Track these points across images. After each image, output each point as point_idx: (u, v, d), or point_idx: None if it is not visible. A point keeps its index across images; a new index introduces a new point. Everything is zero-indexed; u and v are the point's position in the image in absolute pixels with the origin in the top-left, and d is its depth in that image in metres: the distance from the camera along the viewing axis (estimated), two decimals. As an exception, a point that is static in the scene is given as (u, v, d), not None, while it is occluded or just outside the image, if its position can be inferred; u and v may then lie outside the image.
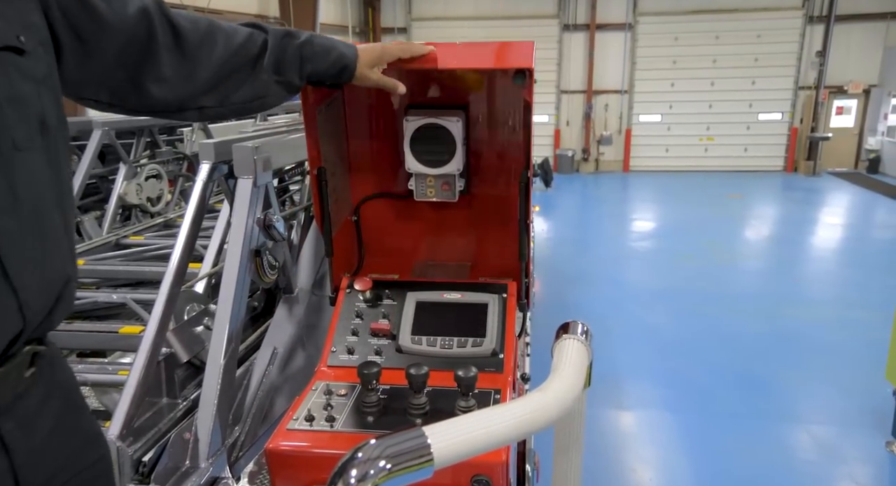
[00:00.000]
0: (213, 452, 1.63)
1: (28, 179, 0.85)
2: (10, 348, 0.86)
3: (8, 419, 0.87)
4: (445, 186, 1.85)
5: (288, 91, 1.34)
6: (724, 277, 6.83)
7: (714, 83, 13.88)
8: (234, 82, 1.23)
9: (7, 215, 0.81)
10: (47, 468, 0.94)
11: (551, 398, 0.88)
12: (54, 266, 0.91)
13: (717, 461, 3.45)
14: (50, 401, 0.95)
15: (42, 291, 0.88)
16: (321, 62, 1.32)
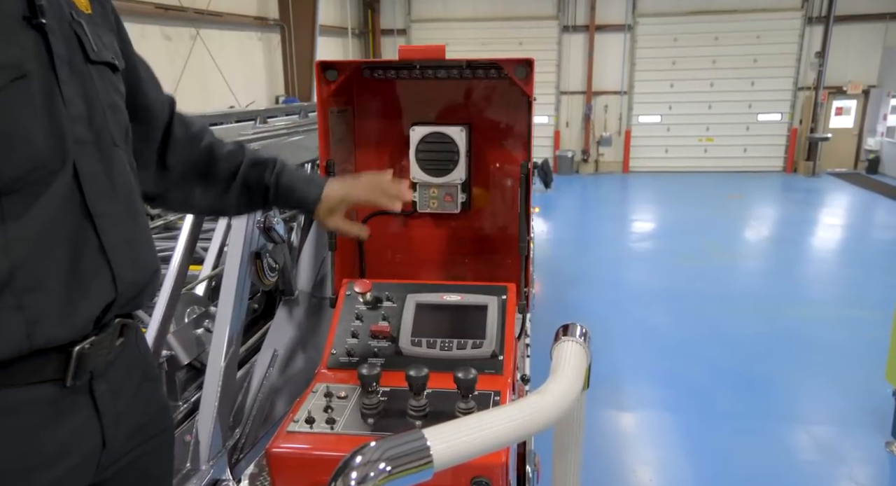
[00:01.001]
0: (214, 454, 1.63)
1: (121, 172, 1.00)
2: (103, 317, 0.97)
3: (101, 383, 0.98)
4: (448, 198, 1.88)
5: (248, 209, 1.43)
6: (723, 277, 6.84)
7: (713, 84, 13.88)
8: (206, 187, 1.32)
9: (107, 199, 0.96)
10: (128, 430, 1.05)
11: (550, 400, 0.88)
12: (143, 250, 1.04)
13: (718, 462, 3.45)
14: (133, 370, 1.08)
15: (132, 267, 1.00)
16: (284, 198, 1.39)
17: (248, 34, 10.53)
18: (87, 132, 0.94)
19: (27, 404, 0.89)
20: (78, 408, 0.95)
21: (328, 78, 1.74)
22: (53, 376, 0.91)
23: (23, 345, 0.86)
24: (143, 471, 1.12)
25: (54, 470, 0.92)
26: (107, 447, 1.00)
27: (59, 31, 0.91)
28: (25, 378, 0.88)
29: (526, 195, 1.75)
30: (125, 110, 1.06)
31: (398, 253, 2.03)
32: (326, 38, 12.72)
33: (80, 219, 0.92)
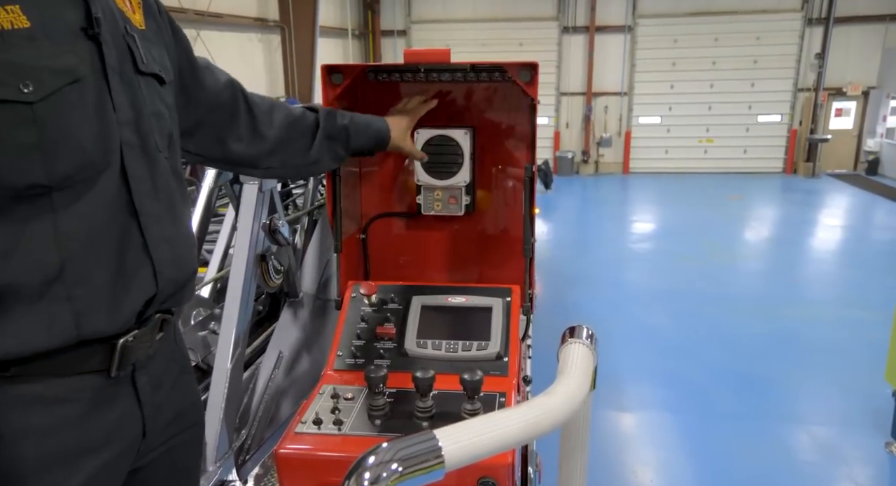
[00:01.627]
0: (221, 455, 1.65)
1: (164, 175, 1.07)
2: (145, 311, 1.03)
3: (143, 375, 1.04)
4: (452, 200, 1.89)
5: (334, 160, 1.61)
6: (723, 278, 6.85)
7: (713, 85, 13.89)
8: (294, 148, 1.50)
9: (151, 199, 1.02)
10: (165, 421, 1.11)
11: (558, 402, 0.90)
12: (182, 249, 1.10)
13: (718, 462, 3.46)
14: (172, 363, 1.14)
15: (172, 265, 1.06)
16: (362, 135, 1.61)
17: (249, 35, 10.54)
18: (134, 136, 1.00)
19: (76, 392, 0.95)
20: (121, 398, 1.02)
21: (333, 81, 1.76)
22: (99, 367, 0.97)
23: (71, 335, 0.92)
24: (175, 462, 1.17)
25: (101, 456, 0.98)
26: (146, 437, 1.06)
27: (113, 43, 0.98)
28: (73, 369, 0.94)
29: (530, 198, 1.76)
30: (169, 119, 1.13)
31: (403, 255, 2.05)
32: (326, 39, 12.74)
33: (126, 217, 0.98)
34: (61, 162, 0.89)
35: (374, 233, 2.00)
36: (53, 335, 0.90)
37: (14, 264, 0.87)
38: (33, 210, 0.88)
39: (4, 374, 0.89)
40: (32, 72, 0.85)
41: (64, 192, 0.90)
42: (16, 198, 0.86)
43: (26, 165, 0.86)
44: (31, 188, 0.87)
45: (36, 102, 0.85)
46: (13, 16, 0.84)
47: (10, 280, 0.87)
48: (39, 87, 0.86)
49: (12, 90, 0.83)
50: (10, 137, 0.84)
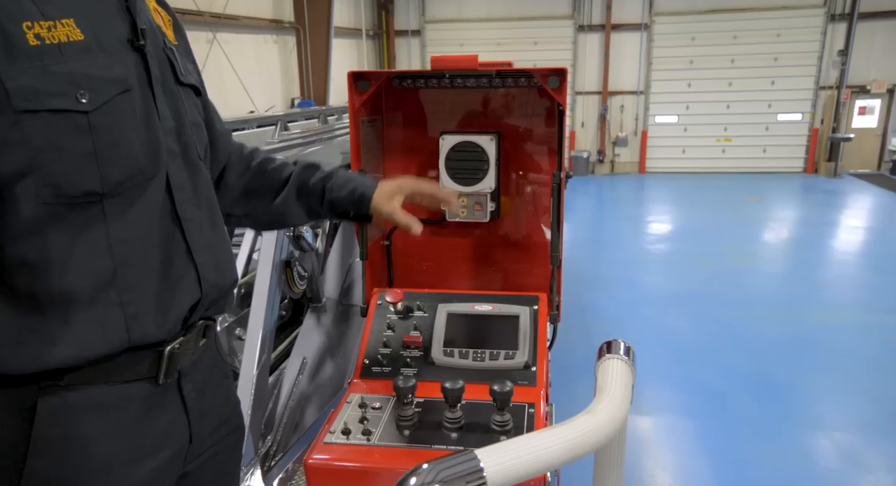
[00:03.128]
0: (247, 461, 1.65)
1: (204, 182, 1.11)
2: (190, 317, 1.05)
3: (188, 382, 1.07)
4: (477, 207, 1.88)
5: (308, 215, 1.46)
6: (741, 280, 6.77)
7: (732, 83, 13.74)
8: (260, 201, 1.40)
9: (193, 206, 1.05)
10: (209, 426, 1.13)
11: (601, 421, 0.88)
12: (223, 255, 1.13)
13: (737, 467, 3.42)
14: (214, 369, 1.16)
15: (215, 270, 1.08)
16: (339, 190, 1.43)
17: (264, 37, 10.58)
18: (176, 145, 1.03)
19: (126, 400, 0.97)
20: (168, 405, 1.04)
21: (360, 88, 1.75)
22: (147, 374, 0.99)
23: (122, 340, 0.94)
24: (220, 465, 1.20)
25: (151, 462, 1.00)
26: (193, 442, 1.08)
27: (156, 55, 1.01)
28: (123, 376, 0.96)
29: (558, 205, 1.74)
30: (205, 129, 1.17)
31: (427, 262, 2.04)
32: (341, 40, 12.76)
33: (170, 224, 1.01)
34: (114, 169, 0.91)
35: (398, 240, 2.00)
36: (107, 341, 0.92)
37: (71, 272, 0.89)
38: (87, 218, 0.90)
39: (59, 382, 0.91)
40: (88, 82, 0.88)
41: (115, 199, 0.92)
42: (72, 205, 0.89)
43: (82, 172, 0.88)
44: (86, 195, 0.89)
45: (91, 112, 0.88)
46: (69, 29, 0.87)
47: (67, 287, 0.89)
48: (94, 96, 0.89)
49: (70, 100, 0.86)
50: (68, 145, 0.87)
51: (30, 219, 0.86)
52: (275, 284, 1.87)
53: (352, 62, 13.76)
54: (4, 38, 0.81)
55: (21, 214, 0.86)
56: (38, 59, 0.84)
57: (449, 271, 2.05)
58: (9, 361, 0.88)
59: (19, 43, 0.82)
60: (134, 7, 0.98)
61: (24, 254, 0.87)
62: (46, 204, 0.87)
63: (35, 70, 0.84)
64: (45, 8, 0.86)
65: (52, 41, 0.85)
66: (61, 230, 0.89)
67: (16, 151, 0.83)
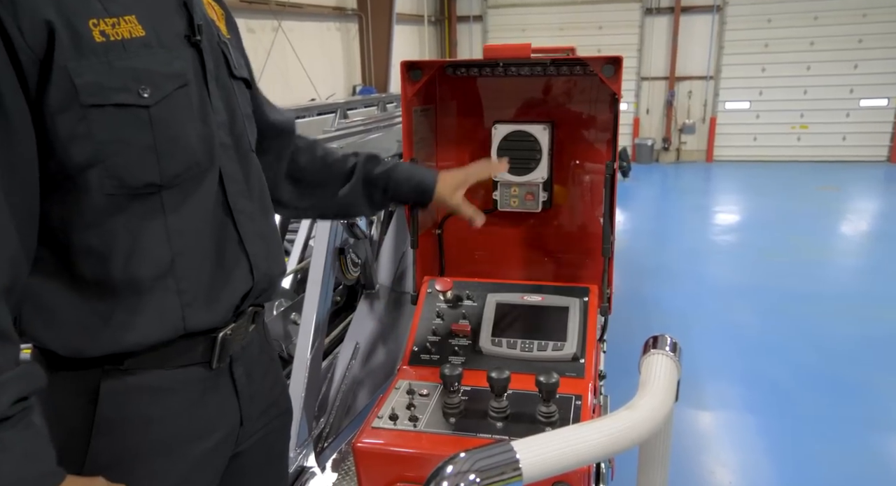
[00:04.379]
0: (301, 442, 1.70)
1: (256, 174, 1.14)
2: (241, 304, 1.08)
3: (238, 366, 1.10)
4: (529, 196, 1.87)
5: (370, 206, 1.54)
6: (814, 274, 6.46)
7: (810, 67, 12.99)
8: (327, 192, 1.47)
9: (245, 198, 1.08)
10: (259, 410, 1.17)
11: (641, 416, 0.87)
12: (274, 245, 1.16)
13: (801, 467, 3.29)
14: (263, 355, 1.20)
15: (266, 260, 1.11)
16: (403, 184, 1.52)
17: (328, 25, 10.74)
18: (228, 138, 1.06)
19: (181, 384, 1.01)
20: (220, 389, 1.08)
21: (413, 78, 1.76)
22: (201, 359, 1.03)
23: (178, 327, 0.98)
24: (269, 447, 1.24)
25: (205, 443, 1.05)
26: (244, 425, 1.12)
27: (210, 50, 1.04)
28: (179, 361, 1.00)
29: (611, 196, 1.71)
30: (255, 120, 1.19)
31: (478, 251, 2.04)
32: (402, 27, 12.81)
33: (223, 215, 1.04)
34: (172, 162, 0.94)
35: (450, 228, 2.00)
36: (164, 328, 0.96)
37: (133, 260, 0.93)
38: (147, 208, 0.94)
39: (119, 367, 0.95)
40: (150, 77, 0.91)
41: (172, 190, 0.96)
42: (133, 196, 0.92)
43: (144, 164, 0.92)
44: (146, 187, 0.93)
45: (152, 106, 0.91)
46: (131, 26, 0.90)
47: (129, 275, 0.93)
48: (155, 91, 0.92)
49: (133, 95, 0.90)
50: (130, 138, 0.91)
51: (95, 209, 0.90)
52: (329, 270, 1.91)
53: (413, 49, 13.81)
54: (74, 36, 0.85)
55: (87, 204, 0.90)
56: (104, 55, 0.87)
57: (500, 261, 2.04)
58: (75, 345, 0.93)
59: (87, 40, 0.86)
60: (191, 3, 1.01)
61: (90, 242, 0.91)
62: (109, 195, 0.90)
63: (101, 66, 0.87)
64: (109, 5, 0.89)
65: (116, 38, 0.88)
66: (123, 220, 0.92)
67: (83, 144, 0.87)
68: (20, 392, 0.80)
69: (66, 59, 0.84)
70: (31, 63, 0.83)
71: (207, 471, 1.08)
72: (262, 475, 1.24)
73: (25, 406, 0.81)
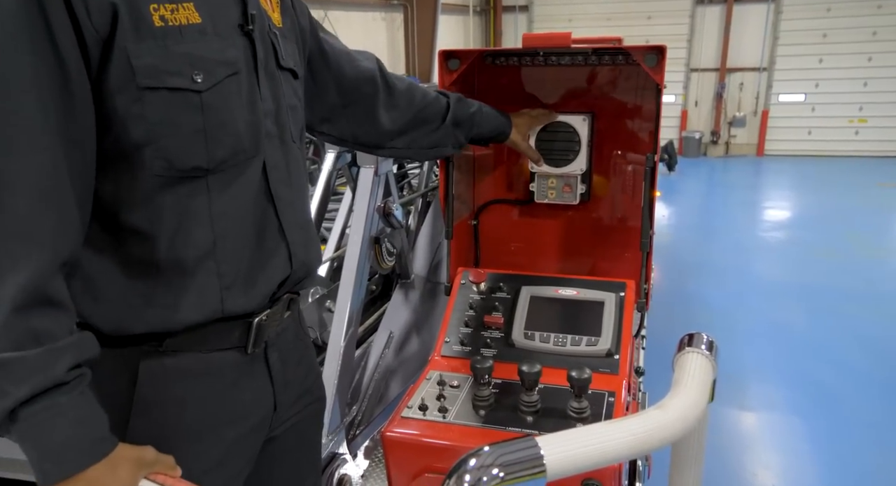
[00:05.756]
0: (333, 429, 1.72)
1: (297, 164, 1.14)
2: (278, 290, 1.09)
3: (273, 352, 1.11)
4: (567, 188, 1.83)
5: (455, 146, 1.65)
6: (869, 274, 6.19)
7: (872, 58, 12.39)
8: (422, 131, 1.56)
9: (285, 185, 1.09)
10: (293, 396, 1.18)
11: (672, 417, 0.84)
12: (312, 235, 1.18)
13: (848, 473, 3.17)
14: (297, 342, 1.21)
15: (304, 248, 1.13)
16: (486, 126, 1.66)
17: (373, 14, 10.79)
18: (274, 127, 1.07)
19: (218, 367, 1.02)
20: (256, 374, 1.09)
21: (450, 67, 1.74)
22: (237, 343, 1.04)
23: (216, 310, 0.99)
24: (302, 433, 1.25)
25: (240, 427, 1.06)
26: (277, 410, 1.13)
27: (261, 39, 1.05)
28: (215, 345, 1.02)
29: (650, 189, 1.67)
30: (303, 112, 1.21)
31: (514, 243, 2.02)
32: (447, 16, 12.76)
33: (265, 202, 1.05)
34: (220, 147, 0.96)
35: (486, 219, 1.99)
36: (204, 309, 0.98)
37: (178, 241, 0.95)
38: (192, 191, 0.95)
39: (158, 348, 0.97)
40: (204, 63, 0.93)
41: (217, 175, 0.97)
42: (180, 179, 0.94)
43: (193, 148, 0.94)
44: (193, 170, 0.95)
45: (204, 91, 0.93)
46: (188, 12, 0.92)
47: (174, 256, 0.95)
48: (208, 77, 0.93)
49: (186, 80, 0.91)
50: (182, 121, 0.92)
51: (143, 189, 0.92)
52: (364, 259, 1.92)
53: (457, 39, 13.75)
54: (136, 19, 0.87)
55: (137, 183, 0.92)
56: (162, 39, 0.89)
57: (536, 253, 2.02)
58: (119, 322, 0.95)
59: (147, 23, 0.88)
60: None
61: (137, 222, 0.93)
62: (158, 176, 0.92)
63: (158, 50, 0.89)
64: None
65: (174, 23, 0.90)
66: (169, 202, 0.94)
67: (137, 124, 0.89)
68: (76, 359, 0.83)
69: (126, 40, 0.86)
70: (95, 43, 0.85)
71: (242, 455, 1.09)
72: (295, 461, 1.25)
73: (80, 373, 0.84)
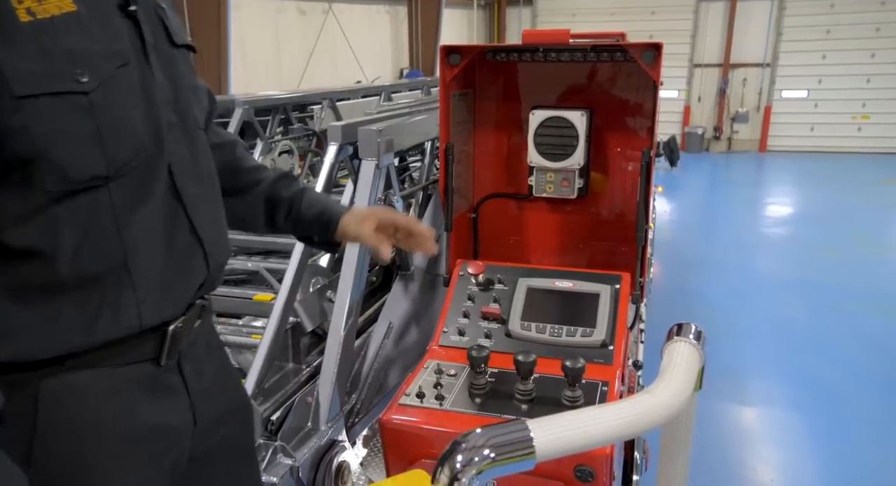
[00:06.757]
0: (332, 416, 1.75)
1: (205, 154, 1.04)
2: (195, 295, 1.01)
3: (187, 363, 1.02)
4: (565, 183, 1.86)
5: (269, 226, 1.34)
6: (871, 272, 6.21)
7: (875, 55, 12.37)
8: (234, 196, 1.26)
9: (194, 181, 0.99)
10: (216, 407, 1.09)
11: (658, 401, 0.87)
12: (225, 231, 1.09)
13: (848, 469, 3.19)
14: (211, 351, 1.11)
15: (219, 246, 1.04)
16: (308, 210, 1.32)
17: (377, 8, 10.79)
18: (174, 115, 0.96)
19: (130, 382, 0.93)
20: (170, 387, 0.99)
21: (451, 62, 1.77)
22: (151, 355, 0.95)
23: (134, 325, 0.90)
24: (233, 443, 1.16)
25: (158, 444, 0.97)
26: (198, 424, 1.04)
27: (147, 18, 0.94)
28: (127, 358, 0.92)
29: (646, 184, 1.69)
30: (205, 90, 1.09)
31: (512, 236, 2.05)
32: (451, 10, 12.76)
33: (172, 201, 0.95)
34: (119, 150, 0.86)
35: (485, 212, 2.02)
36: (120, 326, 0.89)
37: (83, 258, 0.86)
38: (94, 202, 0.86)
39: (61, 366, 0.88)
40: (87, 58, 0.83)
41: (119, 181, 0.87)
42: (79, 191, 0.84)
43: (88, 156, 0.84)
44: (93, 180, 0.84)
45: (91, 92, 0.83)
46: (58, 0, 0.80)
47: (78, 273, 0.86)
48: (94, 74, 0.83)
49: (70, 81, 0.81)
50: (72, 129, 0.82)
51: (36, 207, 0.82)
52: (364, 251, 1.94)
53: (461, 33, 13.74)
54: None
55: (27, 201, 0.82)
56: (34, 37, 0.78)
57: (534, 247, 2.05)
58: (19, 351, 0.85)
59: (11, 20, 0.76)
60: None
61: (31, 242, 0.83)
62: (52, 191, 0.82)
63: (31, 50, 0.78)
64: None
65: (44, 15, 0.79)
66: (68, 216, 0.84)
67: (19, 138, 0.79)
68: None
69: None
70: None
71: (162, 473, 0.99)
72: (229, 474, 1.17)
73: None
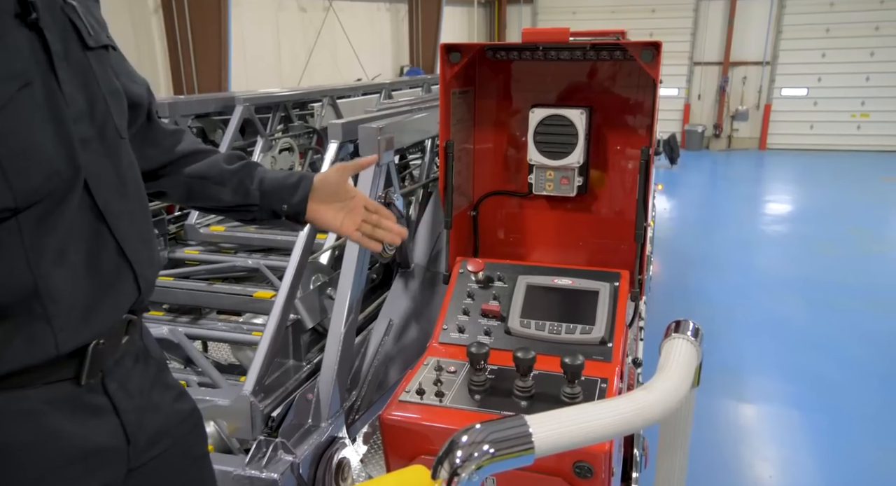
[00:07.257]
0: (333, 413, 1.76)
1: (129, 166, 0.96)
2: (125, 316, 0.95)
3: (111, 381, 0.95)
4: (564, 181, 1.87)
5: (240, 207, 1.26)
6: (870, 269, 6.22)
7: (874, 53, 12.38)
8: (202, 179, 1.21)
9: (118, 197, 0.92)
10: (155, 421, 1.03)
11: (655, 398, 0.88)
12: (155, 247, 1.02)
13: (846, 466, 3.21)
14: (139, 364, 1.04)
15: (150, 265, 0.99)
16: (274, 185, 1.25)
17: (378, 5, 10.78)
18: (89, 129, 0.88)
19: (48, 404, 0.88)
20: (96, 407, 0.93)
21: (451, 60, 1.77)
22: (69, 375, 0.89)
23: (51, 352, 0.85)
24: (182, 451, 1.11)
25: (84, 465, 0.91)
26: (133, 443, 0.97)
27: (53, 24, 0.84)
28: (44, 379, 0.87)
29: (645, 182, 1.70)
30: (124, 94, 0.99)
31: (512, 234, 2.06)
32: (452, 8, 12.75)
33: (94, 221, 0.88)
34: (27, 180, 0.79)
35: (485, 210, 2.02)
36: (33, 354, 0.84)
37: None
38: (2, 234, 0.79)
39: None
40: None
41: (30, 209, 0.80)
42: None
43: None
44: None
45: None
46: None
47: None
48: None
49: None
50: None
51: None
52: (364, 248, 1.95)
53: (462, 31, 13.73)
54: None
55: None
56: None
57: (534, 244, 2.05)
58: None
59: None
60: None
61: None
62: None
63: None
64: None
65: None
66: None
67: None
68: None
69: None
70: None
71: None
72: (181, 483, 1.12)
73: None
